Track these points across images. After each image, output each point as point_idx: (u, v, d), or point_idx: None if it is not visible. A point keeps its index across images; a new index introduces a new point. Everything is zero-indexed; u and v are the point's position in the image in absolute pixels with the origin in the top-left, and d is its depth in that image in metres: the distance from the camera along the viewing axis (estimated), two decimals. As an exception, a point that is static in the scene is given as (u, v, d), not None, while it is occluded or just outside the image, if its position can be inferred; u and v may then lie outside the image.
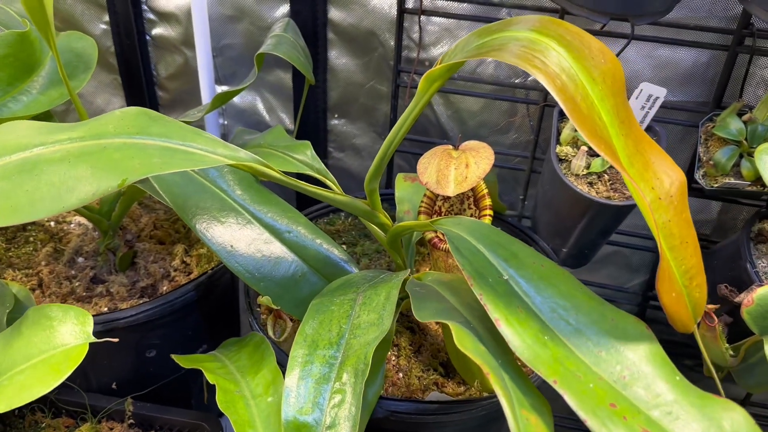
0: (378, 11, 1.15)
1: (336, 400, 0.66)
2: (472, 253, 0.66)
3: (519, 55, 0.53)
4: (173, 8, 1.22)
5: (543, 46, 0.54)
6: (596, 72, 0.54)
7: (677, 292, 0.57)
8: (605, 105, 0.53)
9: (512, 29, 0.59)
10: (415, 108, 0.68)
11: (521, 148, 1.23)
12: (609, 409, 0.54)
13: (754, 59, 1.05)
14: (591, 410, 0.53)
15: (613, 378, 0.57)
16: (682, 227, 0.56)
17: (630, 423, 0.53)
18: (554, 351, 0.58)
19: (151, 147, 0.66)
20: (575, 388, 0.54)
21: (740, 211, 1.21)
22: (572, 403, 0.53)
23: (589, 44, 0.57)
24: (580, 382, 0.55)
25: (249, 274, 0.86)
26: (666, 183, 0.55)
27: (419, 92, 0.66)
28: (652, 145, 0.56)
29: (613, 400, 0.55)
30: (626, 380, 0.57)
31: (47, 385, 0.69)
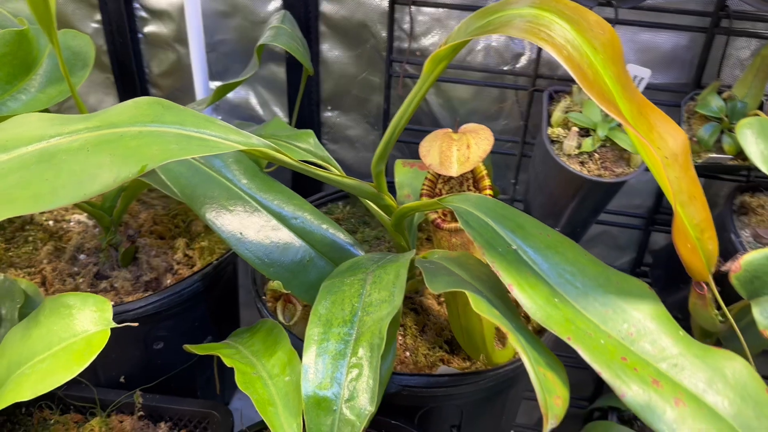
0: (369, 3, 1.17)
1: (353, 374, 0.68)
2: (481, 225, 0.69)
3: (526, 29, 0.56)
4: (165, 5, 1.23)
5: (547, 20, 0.57)
6: (597, 42, 0.58)
7: (692, 244, 0.61)
8: (608, 72, 0.57)
9: (513, 7, 0.62)
10: (420, 90, 0.71)
11: (511, 133, 1.27)
12: (621, 362, 0.57)
13: (730, 40, 1.10)
14: (605, 363, 0.56)
15: (621, 335, 0.60)
16: (689, 184, 0.60)
17: (641, 374, 0.57)
18: (565, 312, 0.61)
19: (167, 134, 0.67)
20: (588, 344, 0.58)
21: (722, 187, 1.26)
22: (586, 357, 0.56)
23: (587, 17, 0.60)
24: (592, 339, 0.58)
25: (259, 260, 0.88)
26: (670, 143, 0.59)
27: (424, 74, 0.69)
28: (653, 108, 0.60)
29: (624, 354, 0.58)
30: (633, 336, 0.61)
31: (71, 371, 0.71)
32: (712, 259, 0.63)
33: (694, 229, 0.61)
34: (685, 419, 0.54)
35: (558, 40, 0.55)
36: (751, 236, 1.06)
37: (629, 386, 0.56)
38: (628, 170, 1.00)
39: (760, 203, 1.11)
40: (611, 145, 1.01)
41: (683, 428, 0.54)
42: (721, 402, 0.57)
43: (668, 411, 0.55)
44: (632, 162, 1.00)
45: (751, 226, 1.09)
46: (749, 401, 0.57)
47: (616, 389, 0.56)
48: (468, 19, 0.67)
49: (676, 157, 0.60)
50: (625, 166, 1.00)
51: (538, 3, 0.60)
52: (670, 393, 0.56)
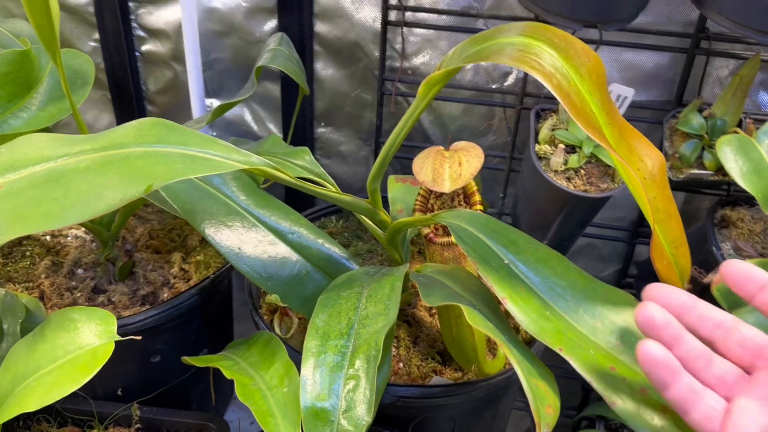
0: (362, 24, 1.21)
1: (351, 386, 0.70)
2: (474, 241, 0.72)
3: (517, 57, 0.59)
4: (163, 25, 1.26)
5: (537, 48, 0.61)
6: (583, 69, 0.61)
7: (667, 260, 0.64)
8: (593, 98, 0.60)
9: (505, 35, 0.65)
10: (415, 111, 0.74)
11: (499, 149, 1.30)
12: (610, 372, 0.60)
13: (710, 60, 1.15)
14: (595, 373, 0.59)
15: (609, 345, 0.63)
16: (665, 203, 0.63)
17: (630, 383, 0.60)
18: (556, 324, 0.64)
19: (172, 154, 0.70)
20: (579, 355, 0.61)
21: (702, 201, 1.30)
22: (578, 367, 0.59)
23: (574, 45, 0.63)
24: (582, 350, 0.61)
25: (257, 274, 0.91)
26: (649, 164, 0.62)
27: (419, 97, 0.72)
28: (633, 131, 0.63)
29: (612, 364, 0.61)
30: (621, 347, 0.64)
31: (77, 383, 0.72)
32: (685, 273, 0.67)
33: (670, 246, 0.65)
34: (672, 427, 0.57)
35: (547, 69, 0.58)
36: (732, 249, 1.11)
37: (619, 395, 0.59)
38: (612, 185, 1.03)
39: (740, 217, 1.15)
40: (596, 161, 1.05)
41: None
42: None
43: (656, 419, 0.58)
44: (616, 177, 1.04)
45: (731, 239, 1.13)
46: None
47: (606, 398, 0.59)
48: (461, 45, 0.70)
49: (654, 177, 0.63)
50: (609, 181, 1.04)
51: (529, 32, 0.63)
52: (658, 401, 0.59)
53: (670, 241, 0.64)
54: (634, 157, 0.63)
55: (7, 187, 0.65)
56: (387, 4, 1.16)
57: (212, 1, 1.23)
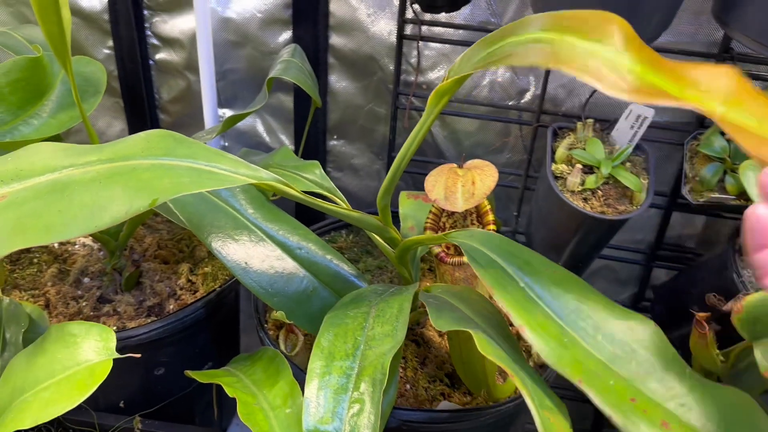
0: (378, 37, 1.19)
1: (355, 409, 0.68)
2: (488, 262, 0.70)
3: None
4: (177, 34, 1.25)
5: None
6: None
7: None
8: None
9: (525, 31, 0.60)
10: (425, 124, 0.72)
11: (515, 166, 1.28)
12: (630, 403, 0.57)
13: (733, 81, 1.12)
14: (615, 405, 0.56)
15: (629, 375, 0.60)
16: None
17: (650, 415, 0.56)
18: (574, 352, 0.61)
19: (178, 167, 0.68)
20: (598, 386, 0.58)
21: (724, 225, 1.27)
22: (597, 401, 0.56)
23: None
24: (601, 380, 0.59)
25: (263, 289, 0.89)
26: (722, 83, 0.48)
27: (428, 108, 0.70)
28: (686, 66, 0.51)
29: (633, 395, 0.58)
30: (641, 376, 0.61)
31: (73, 401, 0.71)
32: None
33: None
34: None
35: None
36: (753, 276, 1.07)
37: (639, 428, 0.56)
38: (630, 208, 1.01)
39: (761, 243, 1.12)
40: (614, 182, 1.02)
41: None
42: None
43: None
44: (635, 200, 1.01)
45: (752, 265, 1.09)
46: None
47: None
48: (471, 50, 0.65)
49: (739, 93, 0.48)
50: (627, 203, 1.01)
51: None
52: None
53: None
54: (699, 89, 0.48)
55: (10, 197, 0.64)
56: (403, 18, 1.15)
57: (227, 11, 1.22)
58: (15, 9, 1.30)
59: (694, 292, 1.15)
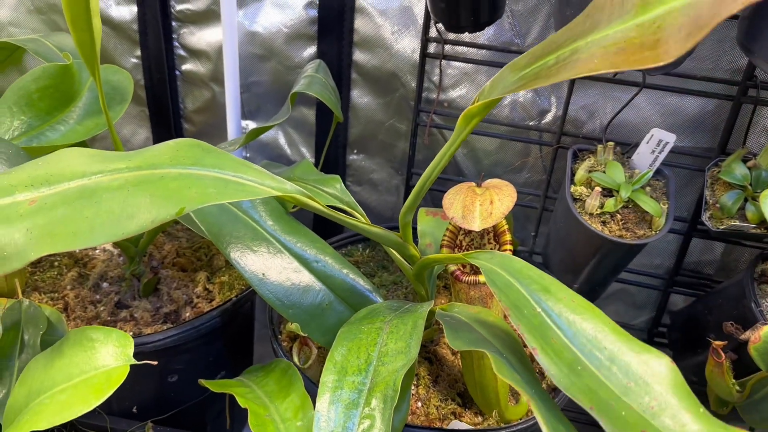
0: (401, 55, 1.20)
1: (365, 425, 0.68)
2: (506, 285, 0.70)
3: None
4: (204, 46, 1.27)
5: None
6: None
7: None
8: None
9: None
10: (453, 145, 0.73)
11: (534, 186, 1.28)
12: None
13: (757, 109, 1.11)
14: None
15: (642, 408, 0.60)
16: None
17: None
18: (588, 380, 0.61)
19: (206, 177, 0.69)
20: (610, 416, 0.57)
21: (743, 253, 1.25)
22: (608, 429, 0.56)
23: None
24: (613, 410, 0.58)
25: (279, 301, 0.89)
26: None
27: (458, 129, 0.70)
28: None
29: (644, 427, 0.58)
30: (654, 410, 0.60)
31: (88, 405, 0.72)
32: None
33: None
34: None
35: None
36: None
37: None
38: (649, 232, 1.00)
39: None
40: (633, 206, 1.02)
41: (700, 507, 0.54)
42: (738, 482, 0.56)
43: (684, 487, 0.54)
44: (654, 224, 1.01)
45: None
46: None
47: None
48: (502, 72, 0.66)
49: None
50: (646, 228, 1.01)
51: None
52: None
53: None
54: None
55: (40, 202, 0.65)
56: (427, 37, 1.16)
57: (254, 25, 1.24)
58: (47, 17, 1.33)
59: (711, 319, 1.14)
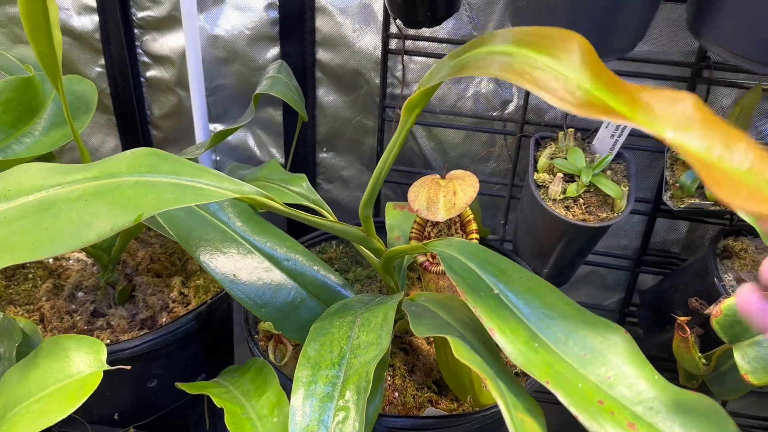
0: (363, 52, 1.22)
1: (340, 417, 0.70)
2: (464, 270, 0.71)
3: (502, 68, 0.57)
4: (167, 51, 1.28)
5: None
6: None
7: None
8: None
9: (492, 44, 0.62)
10: (400, 136, 0.74)
11: (500, 176, 1.30)
12: (597, 405, 0.59)
13: (711, 89, 1.14)
14: (582, 407, 0.58)
15: (599, 379, 0.62)
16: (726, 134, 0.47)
17: (617, 417, 0.58)
18: (544, 356, 0.63)
19: (162, 184, 0.70)
20: (566, 388, 0.59)
21: (707, 230, 1.29)
22: (564, 401, 0.58)
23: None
24: (570, 383, 0.60)
25: (251, 301, 0.91)
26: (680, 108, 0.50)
27: (402, 121, 0.72)
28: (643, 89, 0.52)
29: (601, 397, 0.60)
30: (611, 380, 0.62)
31: (63, 412, 0.73)
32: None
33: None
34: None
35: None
36: (734, 280, 1.09)
37: (605, 429, 0.57)
38: (612, 215, 1.03)
39: (743, 247, 1.14)
40: (595, 190, 1.04)
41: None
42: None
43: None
44: (616, 207, 1.03)
45: (734, 270, 1.11)
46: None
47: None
48: (440, 62, 0.68)
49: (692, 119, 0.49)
50: (609, 210, 1.03)
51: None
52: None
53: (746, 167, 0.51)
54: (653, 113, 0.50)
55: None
56: (387, 33, 1.17)
57: (215, 29, 1.24)
58: (8, 29, 1.33)
59: (677, 296, 1.17)
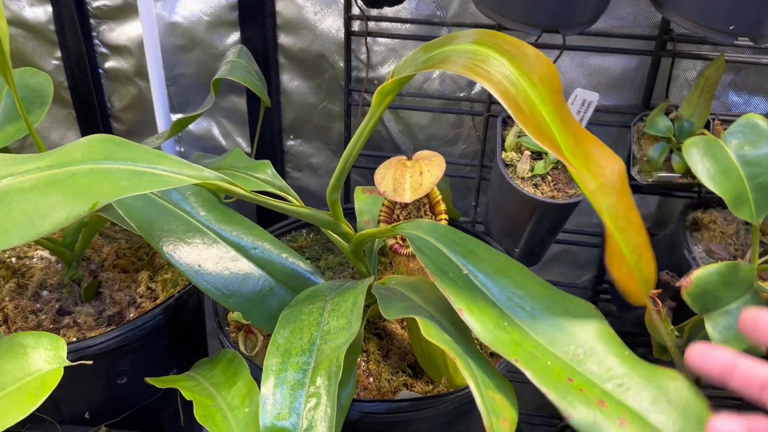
0: (326, 35, 1.20)
1: (312, 403, 0.69)
2: (433, 251, 0.71)
3: (465, 65, 0.58)
4: (125, 41, 1.25)
5: (484, 56, 0.60)
6: (535, 76, 0.60)
7: (628, 268, 0.61)
8: (546, 106, 0.59)
9: (455, 43, 0.64)
10: (370, 121, 0.73)
11: (470, 157, 1.30)
12: (567, 383, 0.58)
13: (676, 62, 1.14)
14: (551, 385, 0.57)
15: (568, 356, 0.62)
16: (626, 210, 0.61)
17: (587, 394, 0.58)
18: (513, 334, 0.62)
19: (118, 171, 0.68)
20: (535, 366, 0.59)
21: (676, 204, 1.29)
22: (533, 379, 0.58)
23: (526, 52, 0.62)
24: (539, 361, 0.60)
25: (218, 291, 0.89)
26: (607, 171, 0.61)
27: (373, 106, 0.71)
28: (590, 138, 0.62)
29: (570, 375, 0.59)
30: (580, 357, 0.62)
31: (23, 412, 0.70)
32: (649, 282, 0.65)
33: (632, 254, 0.63)
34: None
35: (495, 76, 0.57)
36: (704, 252, 1.10)
37: (575, 407, 0.57)
38: (580, 191, 1.02)
39: (712, 219, 1.14)
40: (562, 167, 1.04)
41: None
42: (665, 421, 0.58)
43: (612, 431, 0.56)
44: (585, 183, 1.03)
45: (704, 241, 1.12)
46: (692, 420, 0.58)
47: (562, 410, 0.57)
48: (415, 52, 0.69)
49: (613, 184, 0.61)
50: (577, 187, 1.03)
51: (479, 39, 0.62)
52: (615, 413, 0.57)
53: (632, 248, 0.62)
54: (591, 164, 0.62)
55: (-53, 211, 0.64)
56: (349, 15, 1.15)
57: (173, 16, 1.22)
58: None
59: (649, 270, 1.18)
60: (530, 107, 0.60)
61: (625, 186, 0.64)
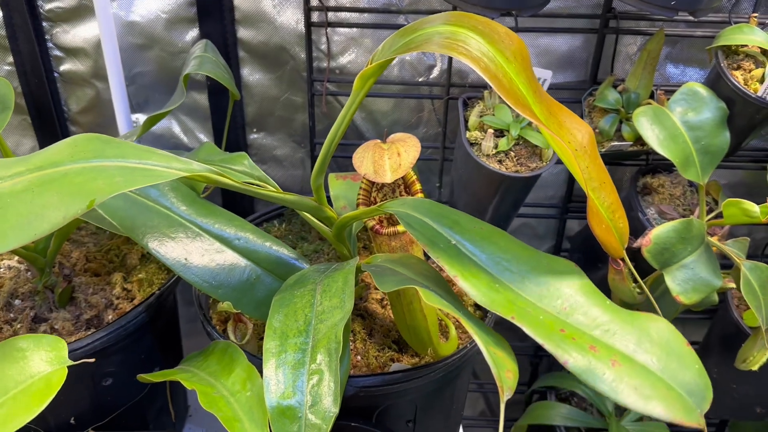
0: (286, 27, 1.22)
1: (314, 380, 0.72)
2: (421, 225, 0.74)
3: (445, 45, 0.62)
4: (81, 43, 1.23)
5: (463, 35, 0.64)
6: (508, 52, 0.65)
7: (605, 224, 0.68)
8: (520, 79, 0.64)
9: (431, 25, 0.68)
10: (352, 106, 0.76)
11: (432, 140, 1.34)
12: (560, 333, 0.64)
13: (619, 38, 1.22)
14: (546, 336, 0.62)
15: (556, 310, 0.67)
16: (598, 171, 0.67)
17: (579, 342, 0.63)
18: (505, 295, 0.67)
19: (110, 168, 0.69)
20: (529, 321, 0.64)
21: (624, 173, 1.38)
22: (529, 332, 0.63)
23: (497, 30, 0.67)
24: (532, 317, 0.65)
25: (206, 283, 0.90)
26: (578, 136, 0.66)
27: (355, 90, 0.74)
28: (560, 107, 0.67)
29: (561, 326, 0.65)
30: (567, 310, 0.67)
31: (31, 412, 0.71)
32: (624, 236, 0.71)
33: (606, 211, 0.69)
34: (622, 377, 0.61)
35: (475, 53, 0.61)
36: (657, 213, 1.18)
37: (570, 354, 0.62)
38: (541, 164, 1.08)
39: (660, 183, 1.23)
40: (524, 143, 1.09)
41: (621, 386, 0.60)
42: (650, 359, 0.63)
43: (606, 372, 0.61)
44: (544, 156, 1.09)
45: (655, 204, 1.20)
46: (673, 355, 0.65)
47: (558, 358, 0.62)
48: (391, 38, 0.72)
49: (585, 148, 0.67)
50: (538, 160, 1.09)
51: (453, 20, 0.66)
52: (607, 356, 0.62)
53: (606, 206, 0.68)
54: (564, 131, 0.67)
55: (-61, 218, 0.63)
56: (308, 6, 1.18)
57: (130, 15, 1.20)
58: None
59: (606, 235, 1.26)
60: (508, 81, 0.64)
61: (595, 150, 0.70)
